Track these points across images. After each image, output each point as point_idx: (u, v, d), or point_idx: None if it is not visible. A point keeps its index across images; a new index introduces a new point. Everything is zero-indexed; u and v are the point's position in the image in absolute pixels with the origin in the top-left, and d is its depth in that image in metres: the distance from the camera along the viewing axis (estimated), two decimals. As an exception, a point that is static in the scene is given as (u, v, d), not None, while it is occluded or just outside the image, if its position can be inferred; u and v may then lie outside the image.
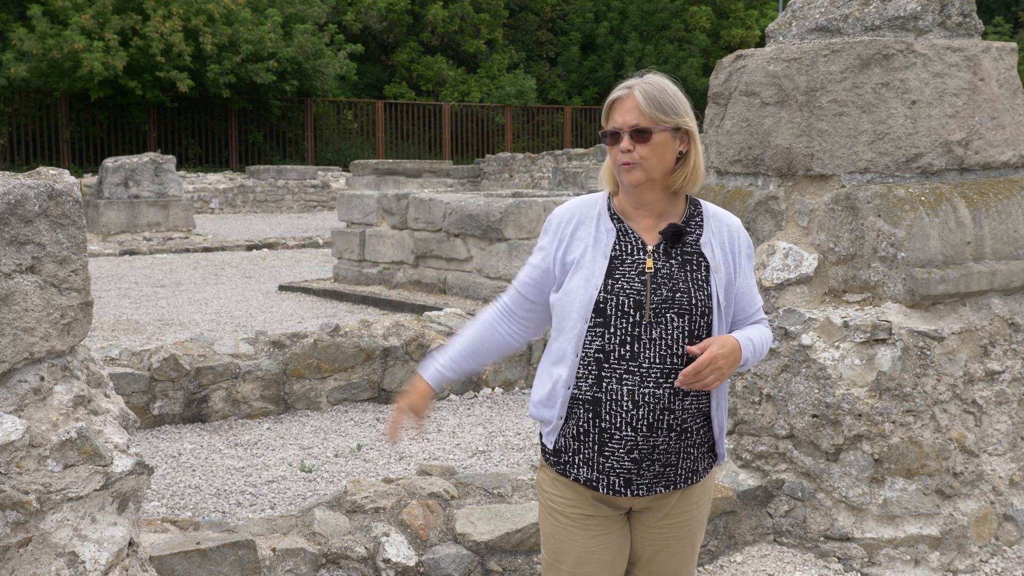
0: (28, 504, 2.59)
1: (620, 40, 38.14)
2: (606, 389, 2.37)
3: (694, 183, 2.48)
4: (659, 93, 2.41)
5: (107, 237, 17.01)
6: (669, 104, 2.41)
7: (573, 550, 2.48)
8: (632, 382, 2.36)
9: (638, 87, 2.43)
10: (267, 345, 6.54)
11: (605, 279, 2.40)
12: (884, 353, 3.90)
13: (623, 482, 2.41)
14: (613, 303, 2.38)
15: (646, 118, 2.39)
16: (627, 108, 2.41)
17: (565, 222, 2.51)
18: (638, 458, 2.38)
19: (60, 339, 2.75)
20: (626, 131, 2.40)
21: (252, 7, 30.59)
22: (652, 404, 2.36)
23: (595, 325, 2.38)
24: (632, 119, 2.40)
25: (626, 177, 2.42)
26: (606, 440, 2.39)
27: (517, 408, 6.65)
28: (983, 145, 4.19)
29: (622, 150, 2.40)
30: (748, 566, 4.01)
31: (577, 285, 2.41)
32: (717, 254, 2.46)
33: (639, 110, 2.40)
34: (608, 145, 2.46)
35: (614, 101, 2.45)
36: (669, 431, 2.38)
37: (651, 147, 2.40)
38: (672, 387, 2.37)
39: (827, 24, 4.31)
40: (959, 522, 4.01)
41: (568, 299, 2.42)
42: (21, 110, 28.39)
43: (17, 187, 2.66)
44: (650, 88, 2.42)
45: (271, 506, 4.80)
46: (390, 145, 33.66)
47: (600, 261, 2.42)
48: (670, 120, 2.40)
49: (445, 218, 10.95)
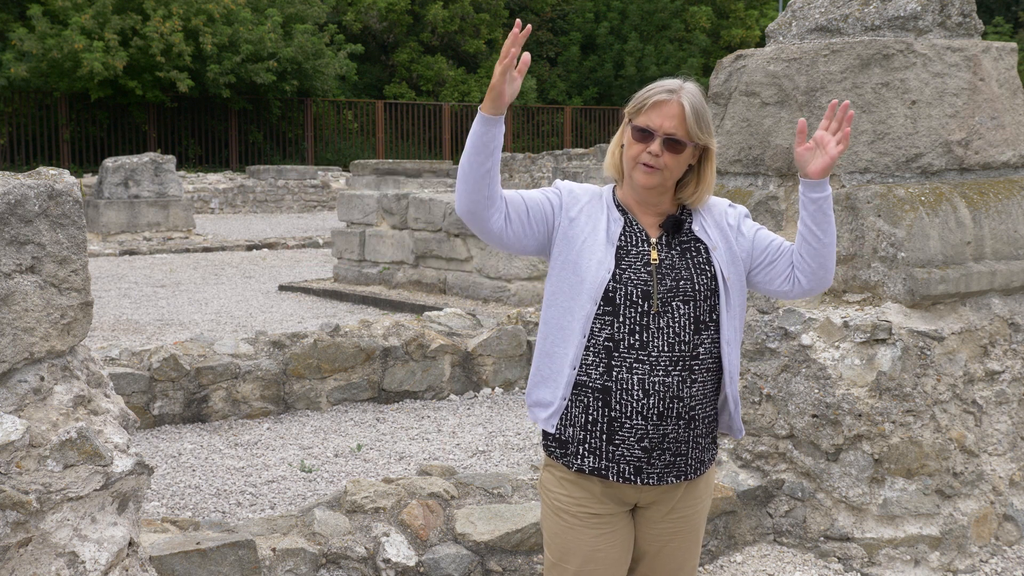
0: (28, 504, 2.59)
1: (620, 40, 38.12)
2: (616, 378, 2.38)
3: (704, 198, 2.50)
4: (702, 109, 2.40)
5: (107, 237, 17.01)
6: (706, 122, 2.41)
7: (580, 549, 2.48)
8: (642, 371, 2.38)
9: (685, 97, 2.39)
10: (267, 345, 6.54)
11: (614, 267, 2.41)
12: (884, 353, 3.90)
13: (633, 470, 2.41)
14: (622, 292, 2.39)
15: (686, 132, 2.39)
16: (670, 114, 2.38)
17: (577, 195, 2.50)
18: (648, 447, 2.40)
19: (60, 339, 2.75)
20: (661, 135, 2.38)
21: (252, 7, 30.58)
22: (662, 392, 2.38)
23: (603, 312, 2.39)
24: (671, 127, 2.38)
25: (643, 179, 2.41)
26: (616, 429, 2.40)
27: (517, 408, 6.65)
28: (983, 145, 4.19)
29: (651, 152, 2.38)
30: (748, 566, 4.01)
31: (588, 265, 2.41)
32: (713, 233, 2.49)
33: (683, 121, 2.38)
34: (633, 139, 2.41)
35: (657, 102, 2.39)
36: (678, 419, 2.40)
37: (677, 159, 2.40)
38: (680, 375, 2.39)
39: (827, 24, 4.31)
40: (959, 522, 4.01)
41: (578, 277, 2.42)
42: (21, 110, 28.39)
43: (17, 187, 2.66)
44: (695, 101, 2.40)
45: (271, 506, 4.80)
46: (390, 145, 33.66)
47: (609, 248, 2.43)
48: (703, 139, 2.41)
49: (445, 218, 10.95)
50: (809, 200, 2.43)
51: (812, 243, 2.46)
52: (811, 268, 2.49)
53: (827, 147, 2.41)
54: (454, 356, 6.92)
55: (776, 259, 2.52)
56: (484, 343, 7.01)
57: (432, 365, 6.83)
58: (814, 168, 2.41)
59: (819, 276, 2.50)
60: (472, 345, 7.00)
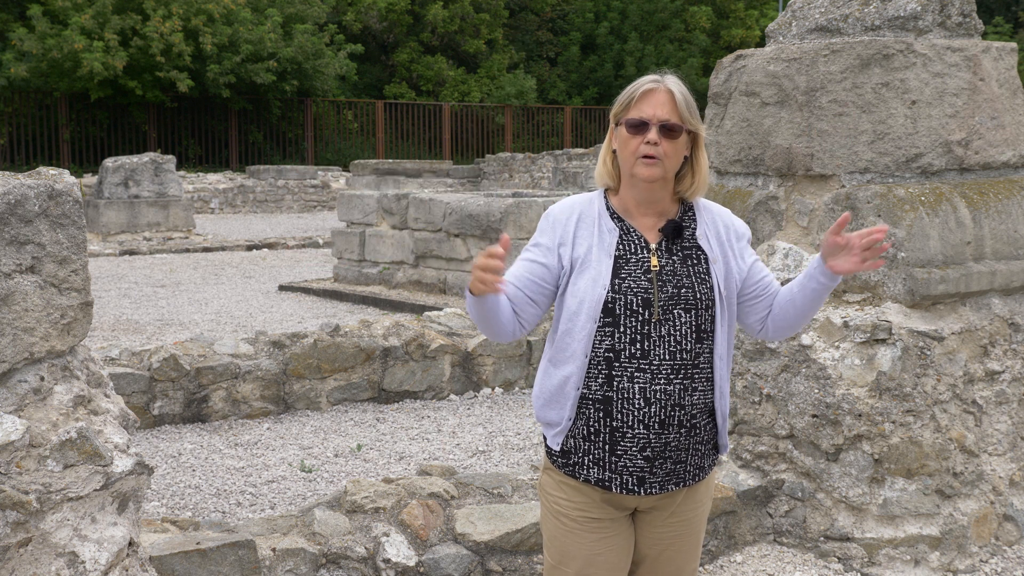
0: (28, 504, 2.59)
1: (620, 40, 38.12)
2: (617, 388, 2.37)
3: (701, 188, 2.49)
4: (688, 95, 2.42)
5: (107, 237, 17.01)
6: (693, 107, 2.41)
7: (579, 553, 2.47)
8: (643, 380, 2.36)
9: (672, 84, 2.40)
10: (267, 345, 6.54)
11: (612, 279, 2.38)
12: (884, 353, 3.90)
13: (636, 480, 2.40)
14: (621, 302, 2.37)
15: (678, 116, 2.38)
16: (660, 102, 2.38)
17: (565, 219, 2.46)
18: (651, 456, 2.38)
19: (60, 339, 2.75)
20: (656, 124, 2.36)
21: (252, 7, 30.58)
22: (663, 401, 2.36)
23: (604, 325, 2.37)
24: (664, 113, 2.37)
25: (645, 171, 2.38)
26: (618, 439, 2.38)
27: (517, 408, 6.65)
28: (983, 145, 4.19)
29: (649, 141, 2.36)
30: (748, 566, 4.01)
31: (585, 286, 2.39)
32: (714, 245, 2.46)
33: (674, 105, 2.38)
34: (628, 134, 2.39)
35: (645, 92, 2.39)
36: (680, 427, 2.39)
37: (675, 146, 2.39)
38: (682, 383, 2.37)
39: (827, 24, 4.31)
40: (959, 522, 4.01)
41: (576, 300, 2.40)
42: (21, 110, 28.39)
43: (17, 187, 2.66)
44: (681, 87, 2.41)
45: (271, 506, 4.80)
46: (390, 145, 33.65)
47: (605, 261, 2.40)
48: (694, 123, 2.40)
49: (445, 218, 10.95)
50: (818, 283, 2.42)
51: (799, 309, 2.47)
52: (783, 325, 2.51)
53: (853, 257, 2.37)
54: (454, 356, 6.92)
55: (762, 296, 2.51)
56: (484, 343, 7.01)
57: (432, 365, 6.83)
58: (839, 267, 2.38)
59: (785, 332, 2.54)
60: (472, 345, 7.00)
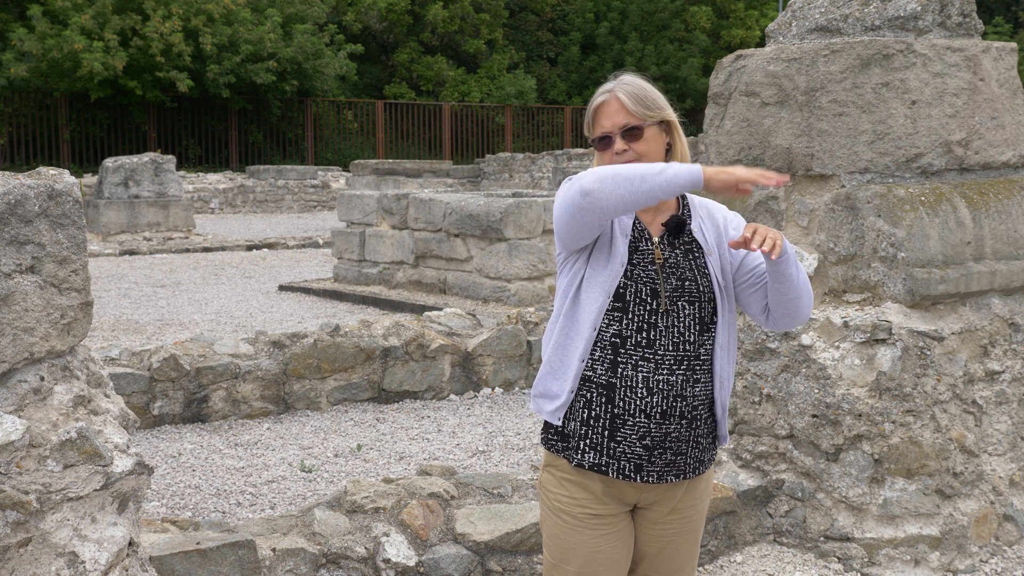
0: (28, 504, 2.59)
1: (620, 40, 38.12)
2: (621, 375, 2.39)
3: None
4: (639, 91, 2.47)
5: (107, 237, 17.02)
6: (651, 99, 2.47)
7: (580, 550, 2.48)
8: (647, 369, 2.39)
9: (618, 89, 2.48)
10: (267, 345, 6.54)
11: (628, 259, 2.43)
12: (884, 353, 3.90)
13: (633, 468, 2.42)
14: (632, 289, 2.41)
15: (634, 116, 2.45)
16: (613, 111, 2.47)
17: None
18: (650, 445, 2.40)
19: (60, 339, 2.75)
20: (616, 133, 2.46)
21: (252, 7, 30.59)
22: (666, 391, 2.39)
23: (613, 309, 2.41)
24: (621, 120, 2.46)
25: None
26: (618, 426, 2.40)
27: (517, 408, 6.65)
28: (983, 145, 4.19)
29: (616, 152, 2.45)
30: (748, 566, 4.01)
31: (604, 259, 2.43)
32: (710, 238, 2.52)
33: (625, 110, 2.46)
34: (599, 151, 2.49)
35: (598, 107, 2.49)
36: (680, 418, 2.41)
37: (645, 142, 2.46)
38: (684, 374, 2.40)
39: (827, 24, 4.31)
40: (959, 522, 4.01)
41: (593, 271, 2.44)
42: (21, 110, 28.39)
43: (17, 187, 2.66)
44: (629, 87, 2.48)
45: (271, 506, 4.80)
46: (390, 145, 33.65)
47: (622, 240, 2.45)
48: (655, 114, 2.47)
49: (445, 218, 10.95)
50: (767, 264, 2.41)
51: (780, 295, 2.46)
52: (780, 312, 2.50)
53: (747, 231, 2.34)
54: (454, 356, 6.92)
55: (758, 284, 2.53)
56: (484, 343, 7.01)
57: (432, 365, 6.83)
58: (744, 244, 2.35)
59: (786, 320, 2.51)
60: (472, 345, 7.00)
